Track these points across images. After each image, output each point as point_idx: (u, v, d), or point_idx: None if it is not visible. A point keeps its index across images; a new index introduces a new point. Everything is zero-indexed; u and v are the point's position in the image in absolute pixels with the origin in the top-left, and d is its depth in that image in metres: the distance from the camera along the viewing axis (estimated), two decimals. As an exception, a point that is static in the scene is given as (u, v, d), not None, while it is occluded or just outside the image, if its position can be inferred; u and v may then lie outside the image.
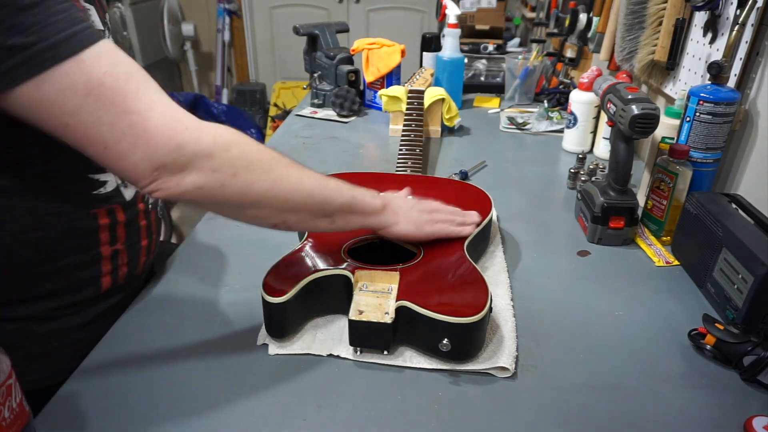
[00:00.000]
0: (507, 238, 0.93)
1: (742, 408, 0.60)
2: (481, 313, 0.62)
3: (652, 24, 1.15)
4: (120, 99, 0.51)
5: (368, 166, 1.23)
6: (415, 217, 0.74)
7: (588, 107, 1.24)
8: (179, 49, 3.86)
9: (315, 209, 0.64)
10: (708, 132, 0.88)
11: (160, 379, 0.62)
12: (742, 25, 0.89)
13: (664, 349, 0.69)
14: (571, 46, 1.77)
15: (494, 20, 2.61)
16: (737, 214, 0.77)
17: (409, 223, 0.73)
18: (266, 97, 4.03)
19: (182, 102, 3.39)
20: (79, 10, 0.53)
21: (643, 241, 0.92)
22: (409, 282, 0.68)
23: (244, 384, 0.62)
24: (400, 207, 0.74)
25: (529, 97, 1.62)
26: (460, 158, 1.25)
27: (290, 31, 1.67)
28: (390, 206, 0.73)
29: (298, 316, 0.69)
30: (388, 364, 0.65)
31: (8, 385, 0.46)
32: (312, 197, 0.63)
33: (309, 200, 0.63)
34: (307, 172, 0.64)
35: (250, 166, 0.58)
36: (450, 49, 1.51)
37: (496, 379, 0.64)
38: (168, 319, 0.72)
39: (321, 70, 1.58)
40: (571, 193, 1.09)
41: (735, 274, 0.70)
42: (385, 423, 0.58)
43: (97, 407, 0.59)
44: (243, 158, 0.57)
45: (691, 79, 1.09)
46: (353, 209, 0.68)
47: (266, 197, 0.60)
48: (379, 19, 3.85)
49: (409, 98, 1.31)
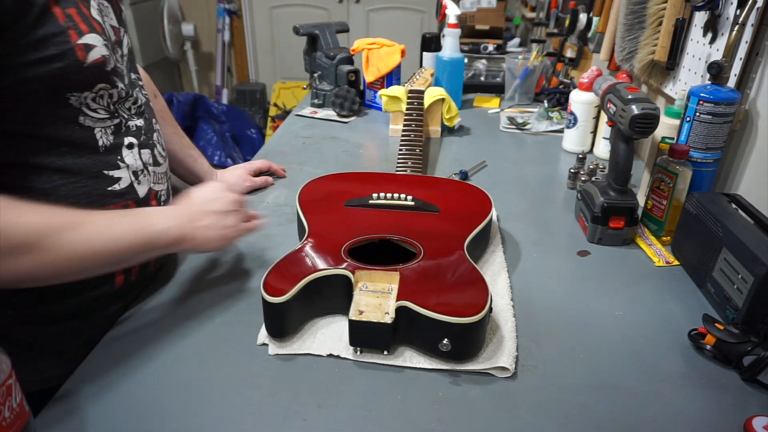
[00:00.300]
0: (507, 238, 0.93)
1: (742, 408, 0.60)
2: (481, 313, 0.62)
3: (652, 24, 1.15)
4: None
5: (368, 166, 1.23)
6: (220, 226, 0.71)
7: (588, 107, 1.24)
8: (179, 49, 3.86)
9: (103, 264, 0.63)
10: (708, 132, 0.88)
11: (159, 379, 0.62)
12: (742, 25, 0.89)
13: (664, 349, 0.69)
14: (571, 46, 1.77)
15: (494, 20, 2.61)
16: (737, 214, 0.77)
17: (211, 241, 0.70)
18: (266, 97, 4.04)
19: (182, 102, 3.39)
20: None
21: (643, 241, 0.92)
22: (409, 282, 0.68)
23: (244, 384, 0.62)
24: (206, 226, 0.69)
25: (529, 97, 1.62)
26: (460, 158, 1.25)
27: (290, 31, 1.67)
28: (189, 230, 0.68)
29: (298, 316, 0.69)
30: (388, 364, 0.65)
31: (8, 385, 0.46)
32: (96, 256, 0.61)
33: (91, 261, 0.61)
34: (90, 230, 0.60)
35: (12, 252, 0.55)
36: (450, 49, 1.51)
37: (496, 379, 0.64)
38: (168, 319, 0.72)
39: (321, 70, 1.58)
40: (571, 193, 1.09)
41: (735, 274, 0.70)
42: (385, 423, 0.58)
43: (97, 407, 0.59)
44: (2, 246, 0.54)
45: (691, 79, 1.09)
46: (148, 249, 0.65)
47: (39, 276, 0.58)
48: (379, 19, 3.86)
49: (409, 98, 1.31)
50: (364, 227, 0.79)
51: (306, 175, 1.14)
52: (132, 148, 0.72)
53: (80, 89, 0.64)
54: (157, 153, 0.78)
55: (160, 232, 0.66)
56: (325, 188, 0.91)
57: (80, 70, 0.62)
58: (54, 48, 0.60)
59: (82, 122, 0.66)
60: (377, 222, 0.81)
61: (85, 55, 0.62)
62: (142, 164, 0.74)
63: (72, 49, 0.61)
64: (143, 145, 0.74)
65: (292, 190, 1.02)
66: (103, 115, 0.68)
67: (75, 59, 0.61)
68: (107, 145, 0.69)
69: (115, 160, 0.70)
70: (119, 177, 0.70)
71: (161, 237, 0.66)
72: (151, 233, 0.65)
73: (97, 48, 0.64)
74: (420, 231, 0.78)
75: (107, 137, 0.69)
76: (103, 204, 0.69)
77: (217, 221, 0.71)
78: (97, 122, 0.67)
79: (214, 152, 3.41)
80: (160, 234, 0.66)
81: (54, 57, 0.60)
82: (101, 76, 0.66)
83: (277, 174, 1.14)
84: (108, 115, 0.69)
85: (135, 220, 0.66)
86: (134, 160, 0.72)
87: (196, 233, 0.68)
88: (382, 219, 0.81)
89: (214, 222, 0.70)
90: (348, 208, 0.84)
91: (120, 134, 0.71)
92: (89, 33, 0.63)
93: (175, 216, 0.68)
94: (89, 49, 0.63)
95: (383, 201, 0.85)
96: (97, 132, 0.68)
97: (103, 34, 0.66)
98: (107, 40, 0.66)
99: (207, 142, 3.42)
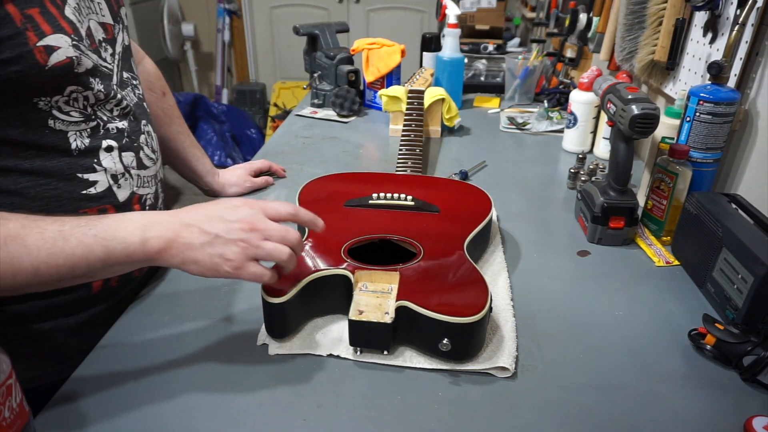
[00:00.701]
0: (507, 238, 0.93)
1: (742, 408, 0.60)
2: (481, 313, 0.62)
3: (652, 24, 1.15)
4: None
5: (368, 166, 1.23)
6: (213, 255, 0.58)
7: (588, 107, 1.24)
8: (179, 49, 3.86)
9: (52, 280, 0.55)
10: (708, 132, 0.88)
11: (159, 379, 0.62)
12: (742, 25, 0.89)
13: (664, 349, 0.69)
14: (571, 46, 1.77)
15: (494, 20, 2.61)
16: (737, 214, 0.77)
17: (200, 265, 0.58)
18: (266, 97, 4.04)
19: (182, 102, 3.39)
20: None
21: (643, 241, 0.92)
22: (409, 282, 0.68)
23: (244, 384, 0.62)
24: (190, 244, 0.57)
25: (529, 97, 1.62)
26: (460, 158, 1.25)
27: (290, 31, 1.67)
28: (175, 244, 0.57)
29: (298, 316, 0.69)
30: (388, 364, 0.65)
31: (8, 385, 0.46)
32: (38, 273, 0.54)
33: (36, 278, 0.54)
34: (29, 243, 0.53)
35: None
36: (450, 49, 1.51)
37: (496, 379, 0.64)
38: (168, 319, 0.72)
39: (321, 70, 1.58)
40: (571, 193, 1.09)
41: (735, 274, 0.70)
42: (385, 423, 0.58)
43: (97, 407, 0.59)
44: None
45: (691, 79, 1.09)
46: (112, 263, 0.56)
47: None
48: (379, 19, 3.86)
49: (409, 98, 1.31)
50: (364, 227, 0.79)
51: (306, 175, 1.14)
52: (111, 151, 0.70)
53: (47, 93, 0.62)
54: (144, 156, 0.76)
55: (131, 238, 0.56)
56: (325, 188, 0.91)
57: (40, 72, 0.59)
58: (8, 51, 0.57)
59: (52, 125, 0.63)
60: (377, 222, 0.81)
61: (45, 58, 0.59)
62: (123, 167, 0.72)
63: (30, 51, 0.58)
64: (125, 148, 0.72)
65: (292, 190, 1.02)
66: (77, 117, 0.65)
67: (33, 62, 0.58)
68: (81, 149, 0.67)
69: (90, 164, 0.68)
70: (95, 180, 0.68)
71: (130, 248, 0.56)
72: (116, 243, 0.56)
73: (61, 50, 0.61)
74: (420, 231, 0.78)
75: (82, 140, 0.67)
76: (77, 207, 0.67)
77: (215, 246, 0.58)
78: (69, 125, 0.65)
79: (214, 152, 3.41)
80: (129, 241, 0.56)
81: (9, 60, 0.57)
82: (69, 78, 0.63)
83: (277, 174, 1.14)
84: (83, 117, 0.66)
85: (99, 228, 0.56)
86: (113, 164, 0.70)
87: (187, 249, 0.57)
88: (382, 219, 0.81)
89: (210, 244, 0.58)
90: (348, 208, 0.84)
91: (97, 137, 0.68)
92: (53, 34, 0.60)
93: (156, 223, 0.58)
94: (51, 51, 0.60)
95: (383, 201, 0.85)
96: (70, 135, 0.65)
97: (75, 34, 0.63)
98: (78, 40, 0.63)
99: (207, 142, 3.42)
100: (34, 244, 0.53)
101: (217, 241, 0.58)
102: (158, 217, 0.59)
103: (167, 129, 0.95)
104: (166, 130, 0.95)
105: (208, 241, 0.58)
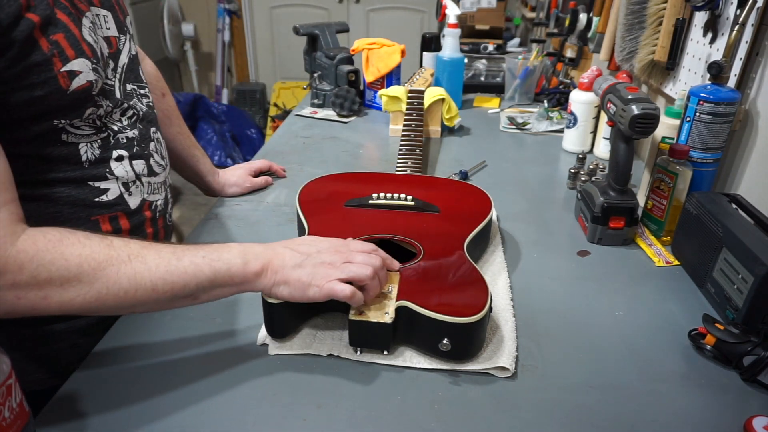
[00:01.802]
0: (507, 238, 0.93)
1: (742, 408, 0.60)
2: (481, 313, 0.62)
3: (652, 24, 1.15)
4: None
5: (368, 166, 1.23)
6: (302, 275, 0.61)
7: (588, 107, 1.24)
8: (179, 49, 3.86)
9: (165, 298, 0.58)
10: (708, 132, 0.88)
11: (159, 379, 0.62)
12: (742, 25, 0.89)
13: (664, 349, 0.69)
14: (571, 46, 1.77)
15: (494, 20, 2.62)
16: (737, 214, 0.77)
17: (289, 286, 0.61)
18: (266, 97, 4.04)
19: (182, 102, 3.39)
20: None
21: (643, 241, 0.92)
22: (409, 282, 0.68)
23: (244, 384, 0.62)
24: (282, 265, 0.62)
25: (529, 97, 1.62)
26: (460, 158, 1.25)
27: (290, 31, 1.67)
28: (271, 266, 0.62)
29: (298, 316, 0.69)
30: (388, 364, 0.65)
31: (8, 385, 0.46)
32: (156, 290, 0.57)
33: (154, 293, 0.57)
34: (149, 261, 0.57)
35: (66, 284, 0.53)
36: (450, 49, 1.51)
37: (496, 379, 0.64)
38: (168, 319, 0.72)
39: (321, 70, 1.58)
40: (571, 193, 1.09)
41: (735, 274, 0.70)
42: (385, 423, 0.58)
43: (97, 407, 0.59)
44: (55, 279, 0.53)
45: (691, 79, 1.09)
46: (217, 283, 0.60)
47: (94, 307, 0.55)
48: (379, 19, 3.86)
49: (409, 98, 1.31)
50: (364, 227, 0.79)
51: (306, 175, 1.14)
52: (122, 160, 0.70)
53: (67, 116, 0.62)
54: (154, 163, 0.76)
55: (233, 261, 0.60)
56: (325, 188, 0.91)
57: (62, 96, 0.60)
58: (35, 77, 0.58)
59: (65, 139, 0.64)
60: (377, 222, 0.81)
61: (68, 83, 0.60)
62: (134, 175, 0.72)
63: (54, 77, 0.59)
64: (136, 156, 0.72)
65: (292, 190, 1.02)
66: (88, 131, 0.66)
67: (57, 87, 0.59)
68: (92, 160, 0.67)
69: (103, 173, 0.68)
70: (107, 188, 0.69)
71: (233, 269, 0.60)
72: (222, 264, 0.59)
73: (82, 74, 0.61)
74: (420, 231, 0.78)
75: (93, 151, 0.67)
76: (89, 214, 0.68)
77: (304, 267, 0.62)
78: (81, 138, 0.65)
79: (214, 152, 3.41)
80: (233, 263, 0.60)
81: (34, 85, 0.58)
82: (88, 100, 0.64)
83: (277, 174, 1.14)
84: (94, 130, 0.67)
85: (206, 251, 0.60)
86: (125, 172, 0.71)
87: (279, 270, 0.61)
88: (382, 219, 0.81)
89: (300, 266, 0.62)
90: (348, 209, 0.84)
91: (108, 148, 0.69)
92: (76, 59, 0.61)
93: (254, 249, 0.62)
94: (74, 76, 0.61)
95: (383, 201, 0.85)
96: (81, 147, 0.66)
97: (93, 57, 0.63)
98: (96, 63, 0.64)
99: (207, 142, 3.43)
100: (153, 262, 0.57)
101: (307, 262, 0.62)
102: (255, 245, 0.64)
103: (167, 130, 0.95)
104: (166, 131, 0.95)
105: (299, 262, 0.62)
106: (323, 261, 0.63)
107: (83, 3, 0.65)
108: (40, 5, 0.57)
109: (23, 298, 0.52)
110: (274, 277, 0.61)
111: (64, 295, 0.53)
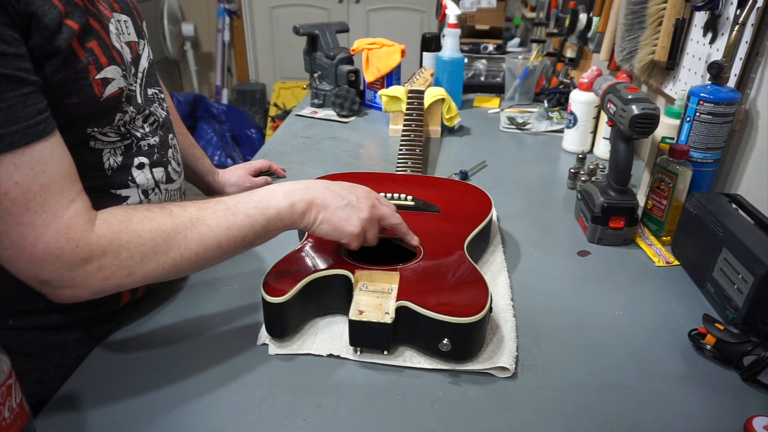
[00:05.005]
0: (507, 238, 0.93)
1: (742, 408, 0.60)
2: (481, 313, 0.62)
3: (652, 24, 1.15)
4: (19, 211, 0.51)
5: (368, 166, 1.23)
6: (341, 216, 0.67)
7: (588, 107, 1.24)
8: (179, 49, 3.86)
9: (229, 251, 0.63)
10: (708, 132, 0.88)
11: (159, 379, 0.62)
12: (742, 25, 0.89)
13: (664, 349, 0.69)
14: (571, 46, 1.77)
15: (494, 20, 2.62)
16: (737, 214, 0.77)
17: (329, 224, 0.67)
18: (266, 97, 4.04)
19: (182, 102, 3.39)
20: (33, 103, 0.51)
21: (643, 241, 0.92)
22: (409, 282, 0.68)
23: (244, 384, 0.62)
24: (325, 205, 0.67)
25: (529, 97, 1.62)
26: (460, 158, 1.25)
27: (290, 31, 1.67)
28: (314, 205, 0.67)
29: (298, 316, 0.69)
30: (388, 364, 0.65)
31: (8, 385, 0.46)
32: (221, 246, 0.61)
33: (219, 250, 0.61)
34: (210, 222, 0.61)
35: (145, 258, 0.57)
36: (450, 49, 1.51)
37: (496, 379, 0.64)
38: (168, 320, 0.72)
39: (321, 70, 1.58)
40: (571, 193, 1.09)
41: (735, 274, 0.70)
42: (385, 423, 0.58)
43: (97, 407, 0.59)
44: (135, 255, 0.56)
45: (691, 79, 1.09)
46: (270, 228, 0.65)
47: (171, 273, 0.59)
48: (379, 19, 3.86)
49: (409, 98, 1.32)
50: (364, 227, 0.79)
51: (306, 175, 1.14)
52: (143, 167, 0.70)
53: (99, 124, 0.62)
54: (171, 170, 0.76)
55: (280, 205, 0.64)
56: (325, 188, 0.91)
57: (96, 104, 0.60)
58: (73, 85, 0.57)
59: (92, 146, 0.64)
60: (377, 222, 0.80)
61: (102, 90, 0.60)
62: (154, 183, 0.72)
63: (89, 84, 0.58)
64: (156, 164, 0.72)
65: (292, 190, 1.02)
66: (113, 138, 0.66)
67: (92, 94, 0.59)
68: (114, 167, 0.67)
69: (125, 180, 0.68)
70: (127, 196, 0.68)
71: (282, 212, 0.64)
72: (271, 211, 0.64)
73: (114, 81, 0.61)
74: (420, 231, 0.78)
75: (115, 158, 0.67)
76: None
77: (345, 210, 0.67)
78: (106, 144, 0.65)
79: (214, 152, 3.41)
80: (280, 207, 0.64)
81: (71, 93, 0.57)
82: (117, 107, 0.64)
83: (277, 174, 1.14)
84: (119, 137, 0.66)
85: (256, 201, 0.64)
86: (145, 180, 0.70)
87: (317, 211, 0.66)
88: (382, 219, 0.81)
89: (341, 208, 0.67)
90: (348, 208, 0.84)
91: (130, 155, 0.68)
92: (108, 66, 0.60)
93: (296, 190, 0.66)
94: (107, 84, 0.60)
95: (383, 201, 0.85)
96: (105, 154, 0.65)
97: (122, 64, 0.63)
98: (125, 69, 0.64)
99: (207, 142, 3.42)
100: (213, 222, 0.61)
101: (348, 207, 0.68)
102: (294, 183, 0.68)
103: None
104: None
105: (341, 205, 0.67)
106: (360, 207, 0.68)
107: (107, 9, 0.64)
108: (75, 12, 0.56)
109: (111, 278, 0.55)
110: (318, 216, 0.66)
111: (145, 269, 0.57)
